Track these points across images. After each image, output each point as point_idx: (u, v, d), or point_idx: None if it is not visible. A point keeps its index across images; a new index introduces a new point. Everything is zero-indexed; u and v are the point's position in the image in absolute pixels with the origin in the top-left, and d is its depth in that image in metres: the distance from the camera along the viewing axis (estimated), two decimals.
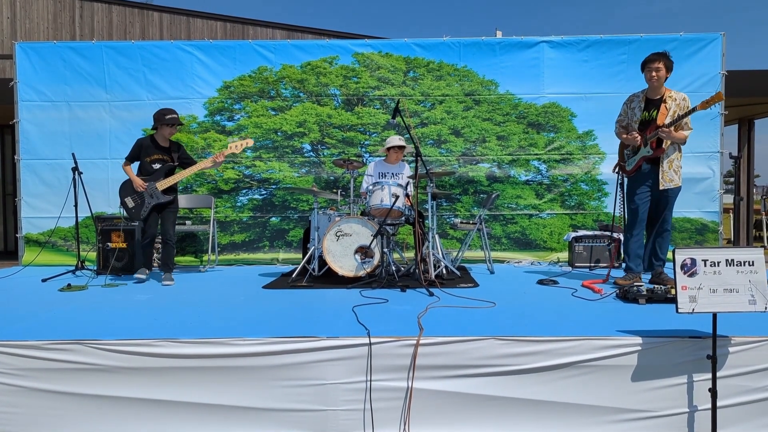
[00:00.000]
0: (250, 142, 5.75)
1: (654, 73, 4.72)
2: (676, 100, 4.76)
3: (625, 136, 4.97)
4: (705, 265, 2.90)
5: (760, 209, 13.15)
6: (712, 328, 2.93)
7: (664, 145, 4.76)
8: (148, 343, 3.14)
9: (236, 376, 3.12)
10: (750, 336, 3.09)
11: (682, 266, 2.91)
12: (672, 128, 4.65)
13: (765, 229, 12.81)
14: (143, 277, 5.57)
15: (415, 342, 3.10)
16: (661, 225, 4.91)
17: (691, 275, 2.90)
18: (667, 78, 4.80)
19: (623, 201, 5.14)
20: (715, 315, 2.92)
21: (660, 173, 4.77)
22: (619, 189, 5.25)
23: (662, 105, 4.76)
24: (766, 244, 12.47)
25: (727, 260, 2.90)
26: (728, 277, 2.89)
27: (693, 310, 2.86)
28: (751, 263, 2.90)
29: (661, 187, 4.77)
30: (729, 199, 8.46)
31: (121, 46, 7.18)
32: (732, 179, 9.06)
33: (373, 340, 3.11)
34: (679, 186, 4.84)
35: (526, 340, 3.11)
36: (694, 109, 4.57)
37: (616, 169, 5.20)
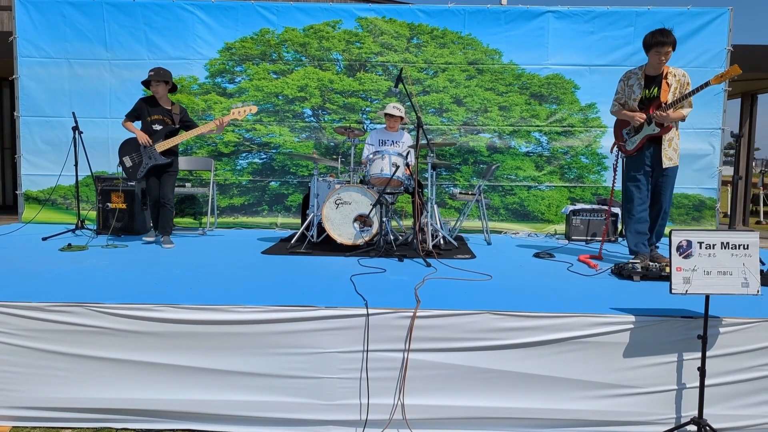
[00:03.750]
0: (254, 109, 5.68)
1: (663, 57, 4.54)
2: (676, 76, 4.62)
3: (625, 111, 4.79)
4: (700, 248, 2.94)
5: (757, 183, 13.16)
6: (705, 309, 2.98)
7: (670, 122, 4.63)
8: (149, 308, 3.18)
9: (235, 342, 3.18)
10: (740, 317, 3.14)
11: (678, 248, 2.94)
12: (678, 105, 4.52)
13: (762, 204, 12.86)
14: (151, 239, 5.62)
15: (411, 314, 3.15)
16: (661, 204, 4.79)
17: (687, 257, 2.94)
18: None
19: (622, 180, 5.10)
20: (707, 296, 2.97)
21: (662, 152, 4.66)
22: (617, 168, 5.24)
23: (663, 82, 4.62)
24: (762, 219, 12.54)
25: (722, 243, 2.94)
26: (723, 259, 2.93)
27: (686, 291, 2.91)
28: (746, 246, 2.93)
29: (663, 167, 4.66)
30: (728, 171, 8.49)
31: (122, 3, 7.06)
32: (732, 151, 9.06)
33: (370, 311, 3.17)
34: (677, 166, 4.76)
35: (520, 315, 3.16)
36: (707, 84, 4.36)
37: (614, 149, 5.08)
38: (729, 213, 7.81)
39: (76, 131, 6.08)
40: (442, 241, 5.60)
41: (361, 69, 7.14)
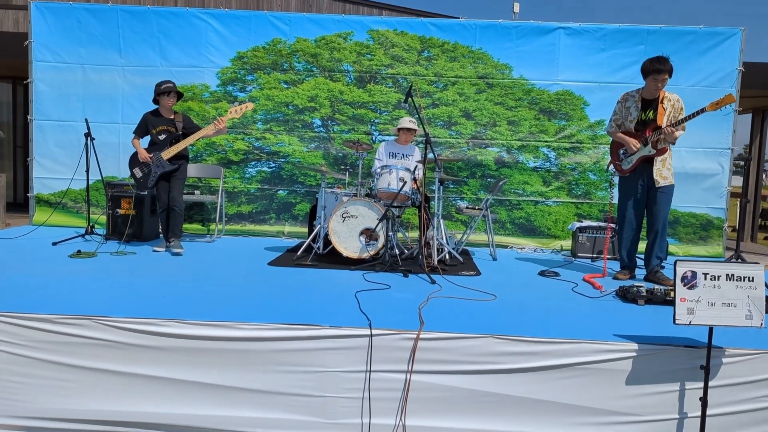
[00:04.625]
0: (250, 106, 5.82)
1: (660, 84, 4.79)
2: (671, 101, 4.87)
3: (621, 134, 5.02)
4: (705, 279, 2.95)
5: (767, 197, 13.10)
6: (708, 340, 2.99)
7: (665, 144, 4.88)
8: (155, 323, 3.23)
9: (240, 358, 3.21)
10: (744, 348, 3.15)
11: (683, 278, 2.95)
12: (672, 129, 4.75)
13: None
14: (161, 249, 5.68)
15: (415, 336, 3.17)
16: (658, 223, 4.97)
17: (691, 287, 2.95)
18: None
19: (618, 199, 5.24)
20: (711, 327, 2.97)
21: (654, 172, 4.88)
22: (611, 187, 5.35)
23: (659, 106, 4.86)
24: None
25: (727, 275, 2.95)
26: (727, 291, 2.94)
27: (690, 322, 2.92)
28: (751, 279, 2.94)
29: (657, 186, 4.88)
30: (738, 182, 8.44)
31: (136, 10, 7.14)
32: (742, 163, 9.05)
33: (374, 331, 3.19)
34: (673, 184, 4.97)
35: (523, 341, 3.18)
36: (703, 110, 4.61)
37: (609, 168, 5.30)
38: (737, 227, 7.80)
39: (89, 137, 6.15)
40: (447, 256, 5.61)
41: (371, 81, 7.17)
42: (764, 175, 14.37)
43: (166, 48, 7.11)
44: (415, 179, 5.60)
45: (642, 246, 5.17)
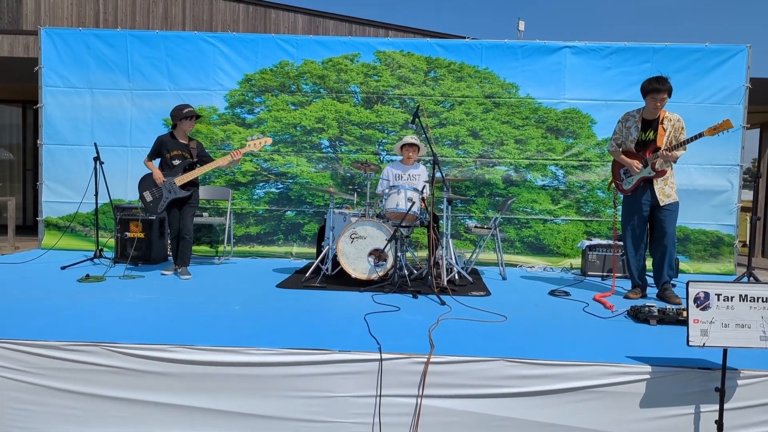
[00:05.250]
0: (269, 141, 5.81)
1: (659, 103, 4.82)
2: (671, 121, 4.90)
3: (622, 156, 5.06)
4: (718, 300, 2.91)
5: None
6: (722, 362, 2.94)
7: (666, 166, 4.90)
8: (164, 348, 3.21)
9: (249, 384, 3.19)
10: (759, 369, 3.10)
11: (695, 299, 2.92)
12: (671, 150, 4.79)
13: None
14: (169, 272, 5.67)
15: (425, 360, 3.14)
16: (665, 241, 4.97)
17: (704, 309, 2.92)
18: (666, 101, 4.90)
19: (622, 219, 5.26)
20: (725, 349, 2.93)
21: (657, 191, 4.90)
22: (616, 205, 5.42)
23: (660, 126, 4.89)
24: None
25: (740, 295, 2.91)
26: (741, 312, 2.90)
27: (704, 344, 2.88)
28: (764, 299, 2.90)
29: (661, 204, 4.89)
30: (747, 196, 8.37)
31: (145, 35, 7.23)
32: (750, 177, 9.01)
33: (384, 355, 3.16)
34: (677, 201, 4.97)
35: (534, 363, 3.14)
36: (700, 135, 4.67)
37: (611, 187, 5.35)
38: (747, 242, 7.73)
39: (98, 161, 6.19)
40: (456, 276, 5.59)
41: (379, 101, 7.20)
42: None
43: (175, 71, 7.18)
44: (423, 199, 5.59)
45: (651, 264, 5.15)
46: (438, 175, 5.19)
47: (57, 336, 3.29)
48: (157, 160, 5.74)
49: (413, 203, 5.33)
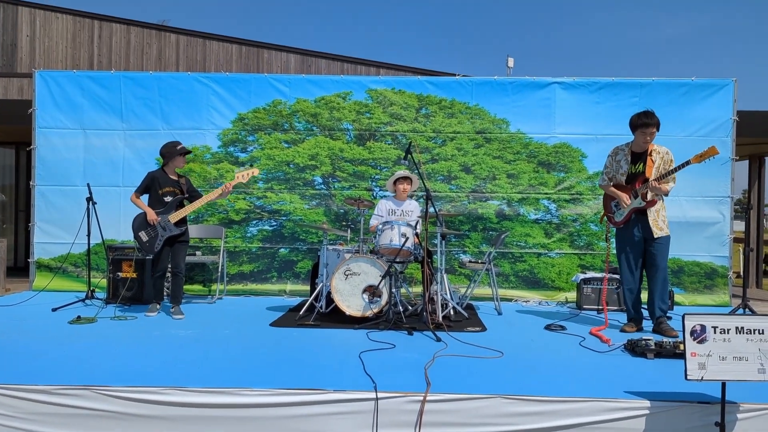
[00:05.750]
0: (256, 172, 5.87)
1: (648, 137, 4.92)
2: (660, 153, 4.98)
3: (612, 189, 5.13)
4: (715, 332, 2.90)
5: None
6: (721, 395, 2.91)
7: (655, 197, 4.95)
8: (156, 391, 3.16)
9: (243, 425, 3.13)
10: (759, 403, 3.07)
11: (692, 332, 2.91)
12: (662, 181, 4.84)
13: None
14: (153, 314, 5.58)
15: (422, 398, 3.10)
16: (658, 273, 5.00)
17: (701, 342, 2.90)
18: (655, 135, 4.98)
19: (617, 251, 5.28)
20: (724, 383, 2.90)
21: (650, 222, 4.95)
22: (609, 238, 5.52)
23: (648, 158, 4.97)
24: None
25: (737, 328, 2.90)
26: (738, 344, 2.89)
27: (702, 378, 2.86)
28: (761, 331, 2.89)
29: (654, 236, 4.93)
30: (740, 227, 8.40)
31: (138, 76, 7.30)
32: (740, 208, 9.10)
33: (379, 394, 3.12)
34: (668, 235, 5.02)
35: (532, 400, 3.11)
36: (687, 163, 4.75)
37: (603, 220, 5.41)
38: (741, 273, 7.74)
39: (90, 201, 6.18)
40: (452, 312, 5.55)
41: (371, 138, 7.26)
42: (765, 220, 14.36)
43: (168, 111, 7.22)
44: (416, 234, 5.59)
45: (645, 296, 5.15)
46: (431, 210, 5.21)
47: (47, 380, 3.23)
48: (145, 196, 5.69)
49: (407, 238, 5.33)
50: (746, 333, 2.90)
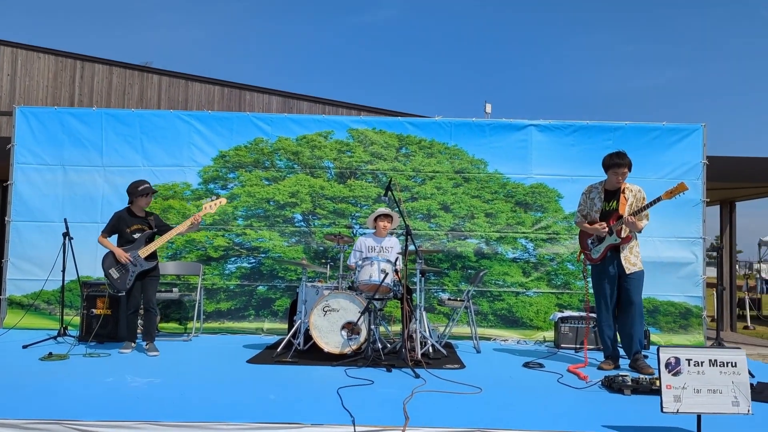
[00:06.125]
0: (224, 201, 5.95)
1: (620, 177, 5.08)
2: (633, 191, 5.14)
3: (587, 225, 5.24)
4: (689, 365, 2.94)
5: (742, 287, 13.26)
6: (697, 428, 2.94)
7: (629, 233, 5.06)
8: (130, 425, 3.10)
9: None
10: None
11: (667, 365, 2.95)
12: (636, 217, 4.93)
13: (748, 309, 12.88)
14: (127, 351, 5.48)
15: (400, 431, 3.08)
16: (634, 309, 5.07)
17: (676, 374, 2.94)
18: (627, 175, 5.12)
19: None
20: (699, 416, 2.93)
21: (622, 259, 5.06)
22: (586, 275, 5.55)
23: (621, 196, 5.12)
24: (749, 324, 12.52)
25: (710, 360, 2.95)
26: (712, 377, 2.93)
27: (678, 410, 2.88)
28: (734, 364, 2.94)
29: (627, 272, 5.03)
30: (712, 272, 8.54)
31: (120, 113, 7.34)
32: (715, 254, 9.28)
33: (357, 428, 3.09)
34: (642, 270, 5.13)
35: None
36: (659, 199, 4.88)
37: (580, 257, 5.51)
38: (716, 316, 7.85)
39: (67, 237, 6.12)
40: (431, 349, 5.53)
41: (352, 176, 7.33)
42: (737, 266, 14.62)
43: (149, 148, 7.23)
44: (396, 271, 5.60)
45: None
46: (411, 247, 5.24)
47: (15, 414, 3.15)
48: (114, 237, 5.65)
49: (386, 275, 5.34)
50: (719, 365, 2.94)
